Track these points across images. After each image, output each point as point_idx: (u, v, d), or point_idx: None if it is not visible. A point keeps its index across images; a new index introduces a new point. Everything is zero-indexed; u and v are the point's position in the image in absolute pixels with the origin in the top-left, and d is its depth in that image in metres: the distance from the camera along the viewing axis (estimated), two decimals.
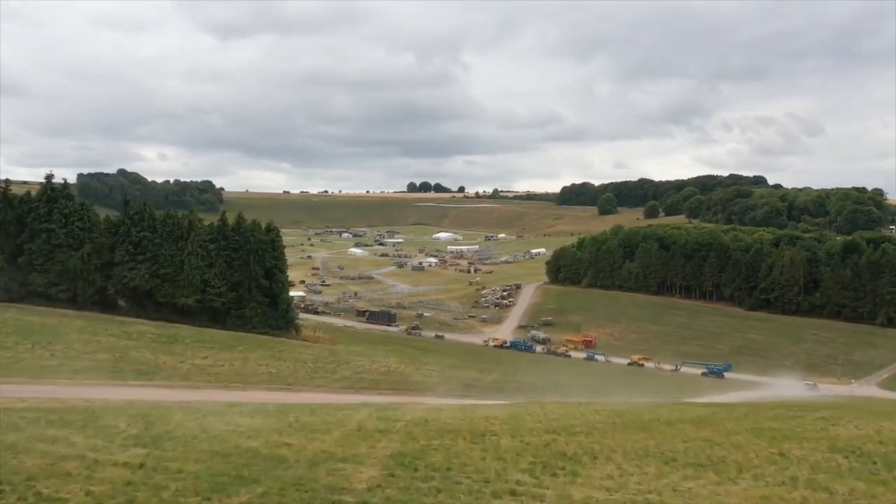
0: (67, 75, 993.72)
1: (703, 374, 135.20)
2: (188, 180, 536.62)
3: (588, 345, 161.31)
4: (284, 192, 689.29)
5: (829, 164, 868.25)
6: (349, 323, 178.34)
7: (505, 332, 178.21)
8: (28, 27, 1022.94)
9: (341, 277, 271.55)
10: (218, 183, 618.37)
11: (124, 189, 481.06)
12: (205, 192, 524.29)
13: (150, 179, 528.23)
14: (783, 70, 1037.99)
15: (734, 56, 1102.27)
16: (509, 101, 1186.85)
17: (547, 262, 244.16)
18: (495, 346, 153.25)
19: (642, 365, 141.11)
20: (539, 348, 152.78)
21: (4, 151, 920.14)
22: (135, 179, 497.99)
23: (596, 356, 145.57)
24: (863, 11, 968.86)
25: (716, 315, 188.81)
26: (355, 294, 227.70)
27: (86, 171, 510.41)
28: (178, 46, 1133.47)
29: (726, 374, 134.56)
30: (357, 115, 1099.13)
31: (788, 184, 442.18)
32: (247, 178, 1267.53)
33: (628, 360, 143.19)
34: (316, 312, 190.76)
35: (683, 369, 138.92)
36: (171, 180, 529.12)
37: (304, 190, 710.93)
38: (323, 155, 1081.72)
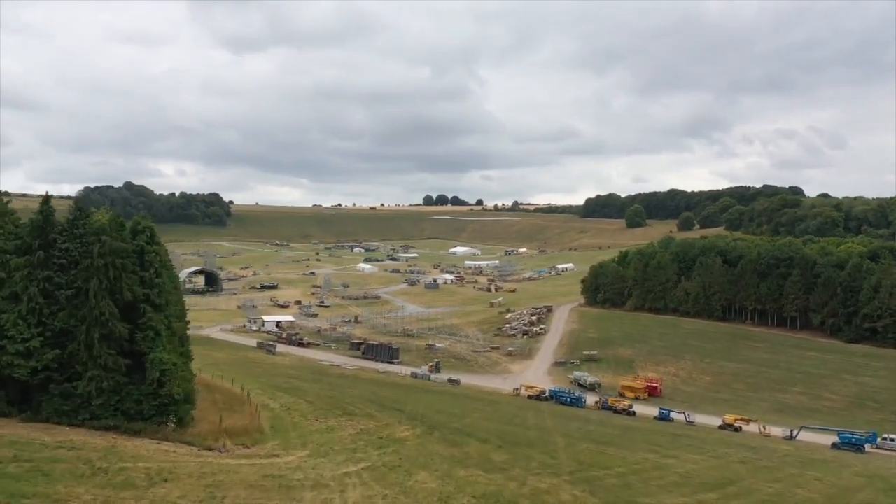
0: (85, 91, 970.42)
1: (833, 445, 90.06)
2: (194, 193, 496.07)
3: (653, 392, 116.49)
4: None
5: (851, 176, 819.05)
6: (340, 359, 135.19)
7: (538, 371, 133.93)
8: (45, 43, 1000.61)
9: (343, 297, 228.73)
10: (235, 198, 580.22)
11: (126, 202, 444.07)
12: (211, 206, 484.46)
13: (157, 193, 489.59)
14: (804, 81, 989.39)
15: (754, 67, 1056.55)
16: (526, 114, 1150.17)
17: (582, 280, 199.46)
18: (530, 396, 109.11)
19: (740, 429, 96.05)
20: (590, 400, 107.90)
21: (26, 167, 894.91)
22: (138, 192, 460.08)
23: (672, 414, 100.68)
24: (885, 19, 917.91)
25: (806, 349, 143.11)
26: (356, 318, 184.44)
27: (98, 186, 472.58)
28: (193, 61, 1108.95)
29: (867, 447, 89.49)
30: (373, 130, 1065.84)
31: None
32: (264, 193, 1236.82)
33: (720, 422, 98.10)
34: (301, 344, 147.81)
35: (802, 436, 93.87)
36: (177, 193, 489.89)
37: (318, 204, 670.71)
38: (340, 170, 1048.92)
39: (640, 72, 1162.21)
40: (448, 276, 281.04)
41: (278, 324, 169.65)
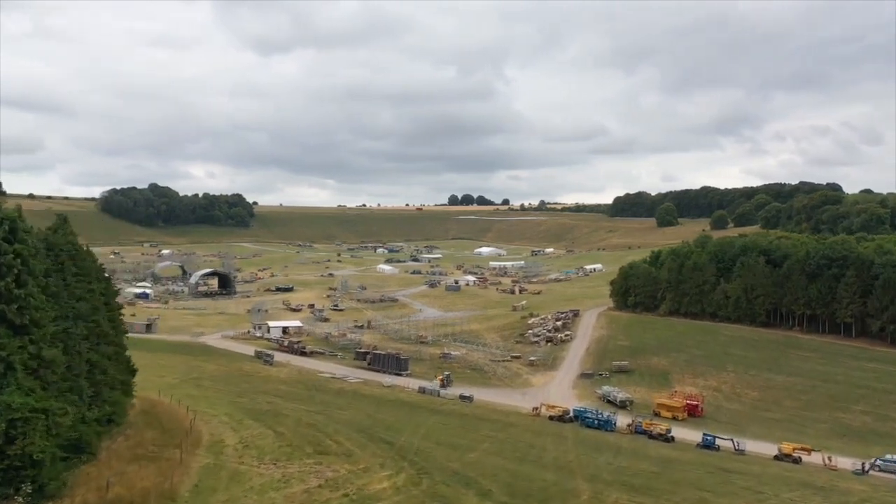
0: (117, 95, 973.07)
1: None
2: (218, 194, 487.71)
3: (693, 411, 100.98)
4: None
5: (889, 172, 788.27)
6: (343, 370, 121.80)
7: (563, 384, 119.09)
8: (76, 48, 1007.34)
9: (359, 300, 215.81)
10: (263, 200, 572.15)
11: (149, 203, 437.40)
12: (234, 206, 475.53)
13: (181, 194, 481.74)
14: (838, 77, 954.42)
15: (786, 63, 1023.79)
16: (554, 114, 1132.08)
17: (611, 282, 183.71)
18: (552, 417, 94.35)
19: (799, 460, 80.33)
20: (621, 422, 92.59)
21: (61, 171, 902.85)
22: (161, 193, 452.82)
23: (717, 441, 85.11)
24: None
25: (865, 359, 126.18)
26: (368, 323, 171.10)
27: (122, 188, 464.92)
28: (221, 63, 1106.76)
29: None
30: (400, 130, 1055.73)
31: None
32: (293, 195, 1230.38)
33: (776, 452, 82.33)
34: (303, 353, 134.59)
35: (876, 469, 77.99)
36: (200, 194, 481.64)
37: (343, 205, 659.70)
38: (367, 171, 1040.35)
39: (670, 69, 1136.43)
40: (470, 278, 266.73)
41: (285, 329, 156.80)
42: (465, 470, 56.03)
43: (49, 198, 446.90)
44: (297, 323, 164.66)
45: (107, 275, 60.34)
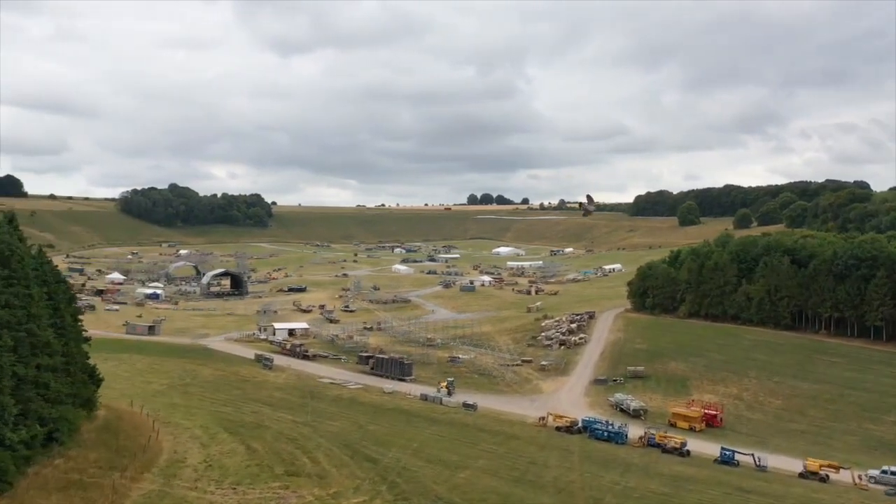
0: (139, 96, 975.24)
1: None
2: (238, 194, 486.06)
3: (711, 421, 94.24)
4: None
5: None
6: (346, 375, 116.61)
7: (574, 391, 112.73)
8: (99, 50, 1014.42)
9: (371, 301, 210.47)
10: (284, 200, 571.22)
11: (168, 203, 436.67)
12: (253, 206, 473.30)
13: (201, 194, 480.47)
14: (866, 73, 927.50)
15: (811, 60, 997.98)
16: (574, 112, 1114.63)
17: (629, 283, 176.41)
18: (559, 428, 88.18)
19: (827, 478, 73.37)
20: (633, 434, 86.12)
21: (87, 172, 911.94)
22: (180, 194, 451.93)
23: (736, 455, 78.45)
24: None
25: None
26: (378, 325, 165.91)
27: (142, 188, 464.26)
28: (242, 64, 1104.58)
29: None
30: (421, 130, 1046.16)
31: None
32: (315, 195, 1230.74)
33: (801, 468, 75.50)
34: (305, 356, 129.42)
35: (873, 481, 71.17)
36: (219, 194, 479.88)
37: (361, 205, 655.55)
38: (389, 171, 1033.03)
39: (691, 67, 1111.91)
40: (486, 278, 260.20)
41: (291, 332, 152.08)
42: (450, 494, 50.50)
43: (70, 198, 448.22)
44: (304, 325, 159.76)
45: (65, 278, 55.54)
